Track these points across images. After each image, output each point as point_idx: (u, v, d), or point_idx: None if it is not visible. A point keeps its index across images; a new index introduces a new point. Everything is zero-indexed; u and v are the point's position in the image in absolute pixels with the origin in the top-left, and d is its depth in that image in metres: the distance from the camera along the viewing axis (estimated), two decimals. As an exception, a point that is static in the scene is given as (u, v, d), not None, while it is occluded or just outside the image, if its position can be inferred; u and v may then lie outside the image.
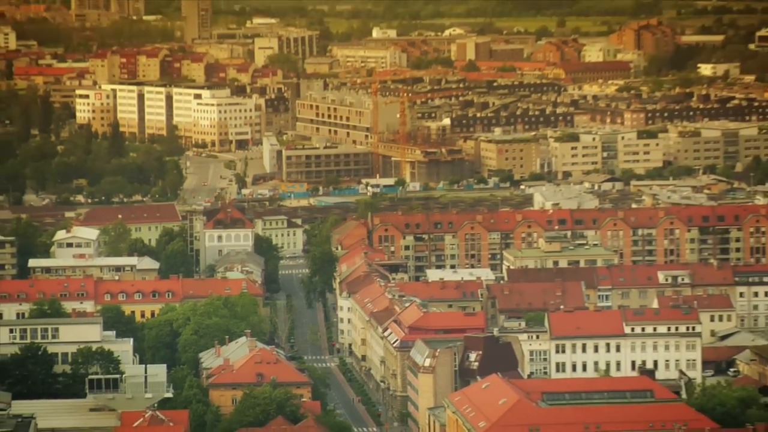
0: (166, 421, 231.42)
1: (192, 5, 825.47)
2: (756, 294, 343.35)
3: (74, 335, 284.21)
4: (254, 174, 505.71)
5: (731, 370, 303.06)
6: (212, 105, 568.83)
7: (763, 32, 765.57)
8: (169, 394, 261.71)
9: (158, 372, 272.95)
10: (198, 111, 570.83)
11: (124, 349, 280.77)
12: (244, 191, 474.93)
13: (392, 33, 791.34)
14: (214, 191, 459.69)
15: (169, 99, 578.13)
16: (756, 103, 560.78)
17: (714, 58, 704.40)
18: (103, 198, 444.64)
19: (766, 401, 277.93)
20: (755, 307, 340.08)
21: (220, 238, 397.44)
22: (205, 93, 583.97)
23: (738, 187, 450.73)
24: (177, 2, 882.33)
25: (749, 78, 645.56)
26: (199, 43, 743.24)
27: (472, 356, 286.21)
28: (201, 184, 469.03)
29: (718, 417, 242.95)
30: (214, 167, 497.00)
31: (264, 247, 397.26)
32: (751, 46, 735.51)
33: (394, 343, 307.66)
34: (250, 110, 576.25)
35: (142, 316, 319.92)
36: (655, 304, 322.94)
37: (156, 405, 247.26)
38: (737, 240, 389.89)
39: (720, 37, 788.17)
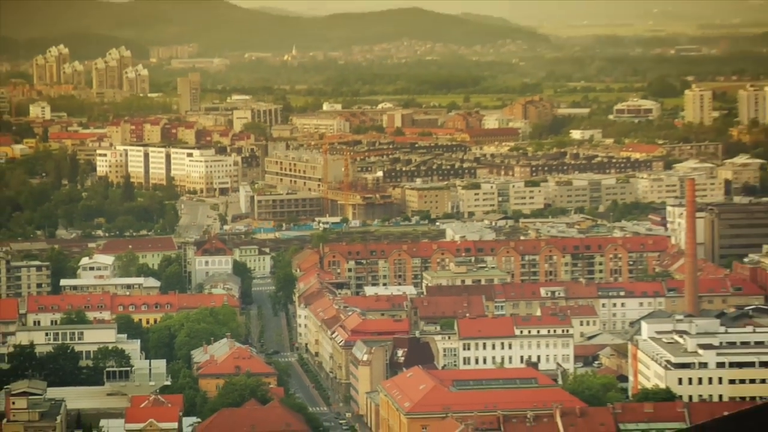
0: (165, 403, 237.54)
1: (185, 85, 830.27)
2: (614, 305, 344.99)
3: (95, 338, 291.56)
4: (233, 214, 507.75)
5: (596, 362, 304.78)
6: (201, 161, 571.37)
7: (619, 106, 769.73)
8: (168, 383, 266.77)
9: (159, 366, 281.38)
10: (190, 166, 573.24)
11: (133, 348, 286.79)
12: (225, 227, 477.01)
13: (338, 106, 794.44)
14: (202, 227, 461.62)
15: (168, 157, 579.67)
16: (614, 160, 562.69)
17: (582, 125, 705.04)
18: (117, 233, 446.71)
19: (622, 386, 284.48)
20: (614, 315, 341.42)
21: (206, 262, 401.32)
22: (196, 152, 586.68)
23: (600, 224, 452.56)
24: (173, 83, 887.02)
25: (609, 141, 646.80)
26: (190, 114, 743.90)
27: (399, 353, 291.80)
28: (192, 222, 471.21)
29: (586, 398, 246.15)
30: (202, 209, 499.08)
31: (240, 270, 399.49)
32: (610, 117, 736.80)
33: (340, 342, 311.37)
34: (230, 165, 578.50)
35: (147, 323, 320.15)
36: (538, 313, 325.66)
37: (158, 391, 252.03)
38: (600, 264, 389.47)
39: (587, 110, 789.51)
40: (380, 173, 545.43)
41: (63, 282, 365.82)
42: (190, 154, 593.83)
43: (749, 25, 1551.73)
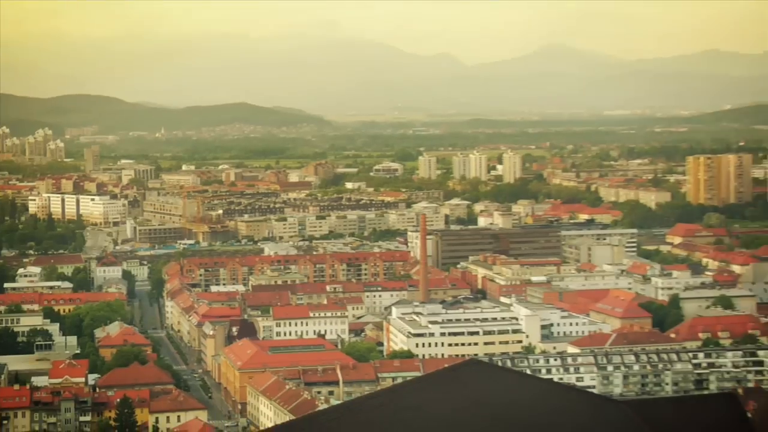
0: (76, 365, 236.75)
1: (90, 153, 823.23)
2: (375, 296, 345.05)
3: (28, 322, 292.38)
4: (122, 239, 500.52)
5: (363, 334, 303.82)
6: (100, 204, 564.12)
7: (376, 167, 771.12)
8: (78, 351, 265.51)
9: (72, 340, 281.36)
10: (93, 207, 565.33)
11: (54, 328, 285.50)
12: (117, 247, 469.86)
13: (192, 167, 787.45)
14: (101, 248, 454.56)
15: (77, 201, 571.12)
16: (374, 202, 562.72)
17: (353, 179, 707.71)
18: (43, 252, 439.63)
19: (380, 349, 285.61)
20: (374, 303, 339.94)
21: (104, 271, 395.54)
22: (96, 198, 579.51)
23: (365, 244, 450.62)
24: (81, 152, 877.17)
25: (370, 189, 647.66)
26: (93, 173, 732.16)
27: (234, 329, 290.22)
28: (94, 245, 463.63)
29: (357, 357, 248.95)
30: (101, 236, 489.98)
31: (127, 276, 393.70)
32: (371, 174, 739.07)
33: (194, 323, 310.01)
34: (120, 206, 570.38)
35: (64, 311, 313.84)
36: (325, 302, 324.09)
37: (71, 357, 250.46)
38: (365, 270, 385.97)
39: (356, 169, 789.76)
40: (221, 211, 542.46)
41: (6, 285, 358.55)
42: (93, 199, 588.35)
43: (461, 114, 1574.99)
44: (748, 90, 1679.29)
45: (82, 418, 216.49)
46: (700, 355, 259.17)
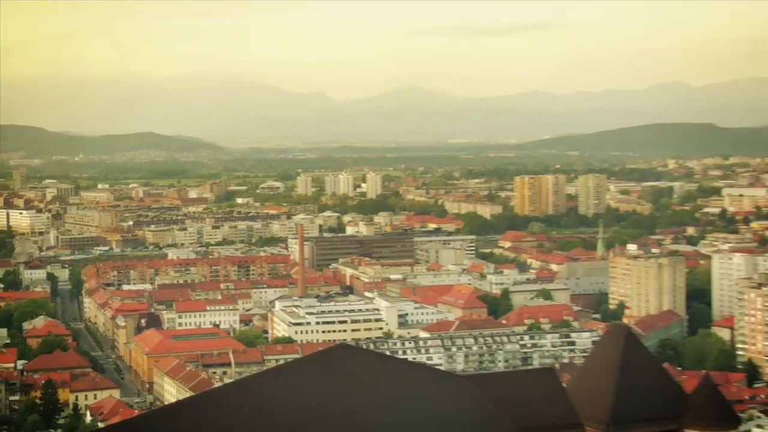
0: (6, 352, 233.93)
1: (18, 175, 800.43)
2: (261, 292, 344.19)
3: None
4: (46, 246, 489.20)
5: (251, 323, 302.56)
6: (27, 217, 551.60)
7: (262, 185, 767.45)
8: (8, 341, 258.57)
9: (3, 332, 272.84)
10: (22, 219, 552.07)
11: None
12: (42, 253, 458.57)
13: (107, 186, 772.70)
14: (29, 254, 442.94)
15: (8, 214, 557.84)
16: (260, 214, 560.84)
17: (243, 196, 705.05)
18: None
19: (265, 336, 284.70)
20: (261, 297, 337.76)
21: (32, 273, 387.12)
22: (24, 212, 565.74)
23: (254, 248, 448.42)
24: (11, 173, 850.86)
25: (258, 204, 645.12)
26: (21, 191, 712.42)
27: (143, 321, 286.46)
28: (23, 251, 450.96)
29: (246, 343, 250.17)
30: (29, 243, 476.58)
31: (51, 277, 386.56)
32: (257, 191, 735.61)
33: (109, 316, 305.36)
34: (45, 219, 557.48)
35: None
36: (219, 297, 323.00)
37: (2, 346, 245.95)
38: (254, 270, 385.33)
39: (245, 187, 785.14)
40: (131, 222, 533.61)
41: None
42: (21, 213, 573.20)
43: (331, 142, 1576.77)
44: (562, 123, 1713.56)
45: (11, 398, 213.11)
46: (526, 337, 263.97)
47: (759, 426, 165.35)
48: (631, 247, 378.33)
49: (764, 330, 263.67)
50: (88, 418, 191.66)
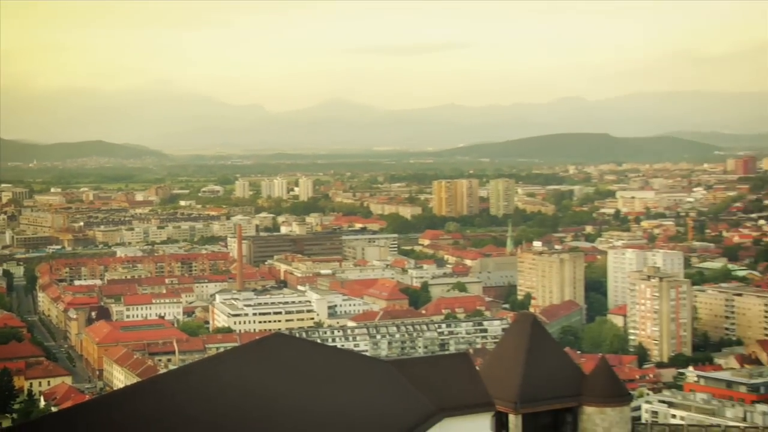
0: None
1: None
2: (203, 287, 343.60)
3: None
4: (3, 245, 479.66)
5: (194, 315, 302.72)
6: None
7: (204, 189, 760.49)
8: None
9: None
10: None
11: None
12: None
13: (59, 190, 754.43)
14: None
15: None
16: (202, 215, 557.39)
17: (185, 198, 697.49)
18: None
19: (207, 326, 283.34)
20: (203, 291, 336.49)
21: None
22: None
23: (196, 246, 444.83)
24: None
25: (199, 206, 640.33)
26: None
27: (93, 313, 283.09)
28: None
29: (189, 333, 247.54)
30: None
31: (7, 274, 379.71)
32: (200, 194, 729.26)
33: (61, 309, 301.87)
34: (1, 220, 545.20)
35: None
36: (164, 291, 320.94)
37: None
38: (196, 266, 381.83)
39: (188, 191, 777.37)
40: (82, 223, 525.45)
41: None
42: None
43: (267, 149, 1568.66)
44: (475, 133, 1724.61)
45: None
46: (443, 325, 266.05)
47: (648, 402, 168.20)
48: (537, 244, 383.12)
49: (652, 317, 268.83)
50: (42, 404, 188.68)
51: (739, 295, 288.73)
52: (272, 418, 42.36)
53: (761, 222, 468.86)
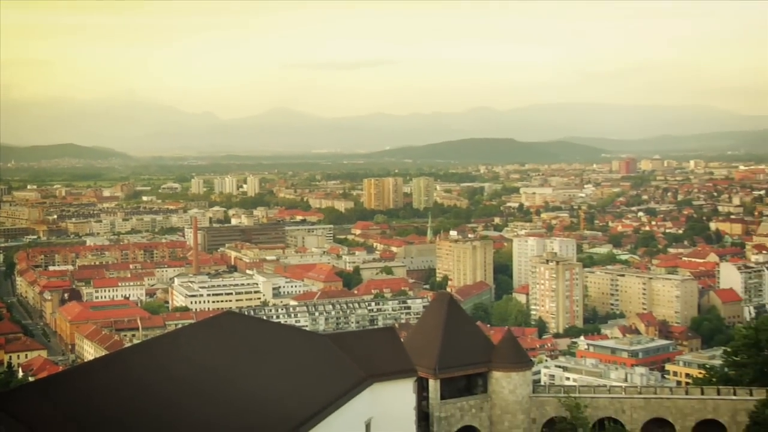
0: None
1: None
2: (164, 272, 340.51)
3: None
4: None
5: (155, 296, 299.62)
6: None
7: (164, 186, 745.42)
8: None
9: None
10: None
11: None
12: None
13: (35, 187, 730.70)
14: None
15: None
16: (161, 209, 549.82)
17: (148, 195, 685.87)
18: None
19: (167, 305, 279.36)
20: (163, 275, 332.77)
21: None
22: None
23: (158, 237, 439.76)
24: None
25: (159, 201, 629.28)
26: None
27: (66, 295, 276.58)
28: None
29: (151, 312, 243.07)
30: None
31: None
32: (159, 190, 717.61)
33: (37, 291, 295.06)
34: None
35: None
36: (129, 275, 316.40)
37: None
38: (157, 253, 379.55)
39: (149, 187, 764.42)
40: (56, 216, 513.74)
41: None
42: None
43: (219, 151, 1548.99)
44: (400, 137, 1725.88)
45: None
46: (372, 304, 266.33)
47: (546, 367, 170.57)
48: (453, 233, 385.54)
49: (550, 295, 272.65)
50: (20, 374, 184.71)
51: (622, 275, 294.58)
52: (224, 385, 42.37)
53: (640, 214, 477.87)
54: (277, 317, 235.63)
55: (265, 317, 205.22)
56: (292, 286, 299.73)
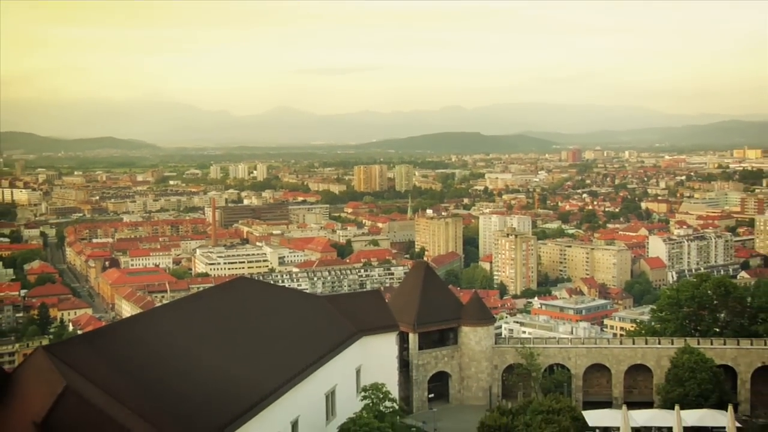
0: (13, 285, 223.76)
1: (19, 165, 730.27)
2: (188, 243, 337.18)
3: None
4: (39, 213, 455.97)
5: (180, 263, 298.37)
6: (26, 194, 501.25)
7: (187, 172, 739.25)
8: (14, 277, 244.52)
9: (9, 272, 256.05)
10: (22, 195, 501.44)
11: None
12: (36, 218, 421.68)
13: (81, 173, 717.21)
14: (27, 218, 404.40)
15: (12, 192, 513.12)
16: (188, 191, 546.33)
17: (175, 178, 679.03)
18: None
19: (191, 272, 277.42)
20: (187, 246, 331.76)
21: (29, 231, 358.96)
22: (23, 190, 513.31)
23: (183, 214, 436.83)
24: (14, 164, 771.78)
25: (184, 184, 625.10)
26: (21, 176, 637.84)
27: (107, 263, 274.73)
28: (23, 216, 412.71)
29: (177, 277, 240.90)
30: (27, 211, 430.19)
31: (43, 234, 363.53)
32: (184, 176, 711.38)
33: (84, 260, 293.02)
34: (38, 195, 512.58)
35: (6, 255, 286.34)
36: (159, 247, 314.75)
37: (9, 280, 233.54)
38: (182, 228, 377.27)
39: (175, 173, 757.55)
40: (98, 197, 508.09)
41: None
42: (21, 191, 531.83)
43: (233, 144, 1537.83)
44: (385, 131, 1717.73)
45: (17, 315, 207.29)
46: (362, 270, 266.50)
47: (506, 323, 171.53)
48: (429, 212, 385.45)
49: (510, 263, 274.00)
50: (70, 328, 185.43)
51: (569, 246, 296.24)
52: (238, 338, 42.69)
53: (584, 195, 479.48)
54: (282, 281, 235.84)
55: (272, 282, 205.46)
56: (294, 256, 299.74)
